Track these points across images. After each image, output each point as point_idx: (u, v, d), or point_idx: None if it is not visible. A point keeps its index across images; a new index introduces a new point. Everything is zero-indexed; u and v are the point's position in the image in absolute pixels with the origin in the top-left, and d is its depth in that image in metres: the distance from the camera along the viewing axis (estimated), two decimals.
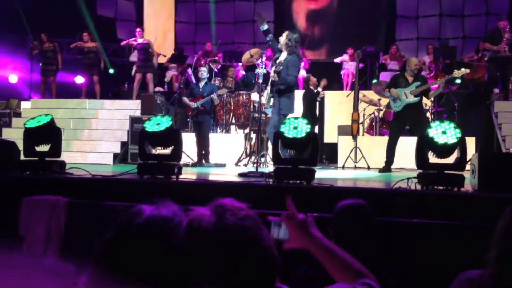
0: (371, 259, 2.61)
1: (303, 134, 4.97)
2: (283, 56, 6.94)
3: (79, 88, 13.01)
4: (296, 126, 5.00)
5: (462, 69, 8.02)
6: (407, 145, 8.09)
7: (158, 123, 5.33)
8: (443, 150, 4.72)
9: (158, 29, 16.04)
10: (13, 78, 14.36)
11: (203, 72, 9.50)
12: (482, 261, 1.92)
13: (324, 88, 11.49)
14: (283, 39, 6.93)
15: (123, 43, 13.03)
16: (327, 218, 3.79)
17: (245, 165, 9.16)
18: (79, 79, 13.37)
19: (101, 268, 1.28)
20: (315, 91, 10.69)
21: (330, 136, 11.41)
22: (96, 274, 1.27)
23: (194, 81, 10.51)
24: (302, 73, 11.99)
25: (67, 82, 13.93)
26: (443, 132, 4.67)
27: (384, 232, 3.81)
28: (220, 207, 1.36)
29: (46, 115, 5.76)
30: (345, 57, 13.31)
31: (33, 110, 10.53)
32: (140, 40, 11.81)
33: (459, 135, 4.64)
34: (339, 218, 2.72)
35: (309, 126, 4.99)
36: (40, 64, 12.38)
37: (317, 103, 10.82)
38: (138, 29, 12.35)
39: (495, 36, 10.44)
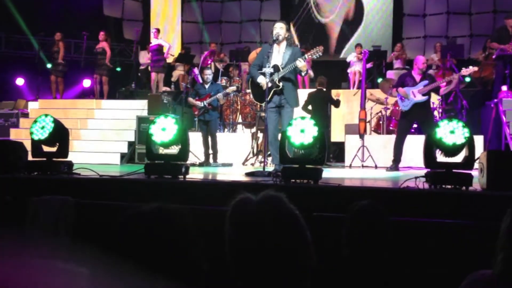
0: (385, 260, 2.60)
1: (311, 140, 4.84)
2: (282, 48, 6.35)
3: (86, 88, 13.09)
4: (303, 129, 4.87)
5: (470, 67, 8.00)
6: (414, 144, 8.05)
7: (164, 127, 5.21)
8: (452, 149, 4.68)
9: (165, 29, 16.07)
10: (19, 81, 14.42)
11: (208, 76, 9.44)
12: (491, 261, 1.89)
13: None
14: (282, 31, 6.30)
15: (143, 62, 13.50)
16: (335, 218, 3.80)
17: (252, 164, 9.15)
18: (86, 82, 13.54)
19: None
20: (326, 90, 10.42)
21: (337, 135, 11.37)
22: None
23: (200, 81, 10.50)
24: None
25: (74, 83, 14.01)
26: (451, 131, 4.62)
27: (393, 232, 3.79)
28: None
29: (46, 115, 5.61)
30: (353, 56, 13.19)
31: (41, 111, 10.57)
32: (154, 42, 12.27)
33: (467, 134, 4.59)
34: (353, 220, 2.70)
35: (316, 128, 4.83)
36: (49, 65, 12.52)
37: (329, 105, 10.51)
38: (154, 30, 12.56)
39: (502, 34, 10.38)
